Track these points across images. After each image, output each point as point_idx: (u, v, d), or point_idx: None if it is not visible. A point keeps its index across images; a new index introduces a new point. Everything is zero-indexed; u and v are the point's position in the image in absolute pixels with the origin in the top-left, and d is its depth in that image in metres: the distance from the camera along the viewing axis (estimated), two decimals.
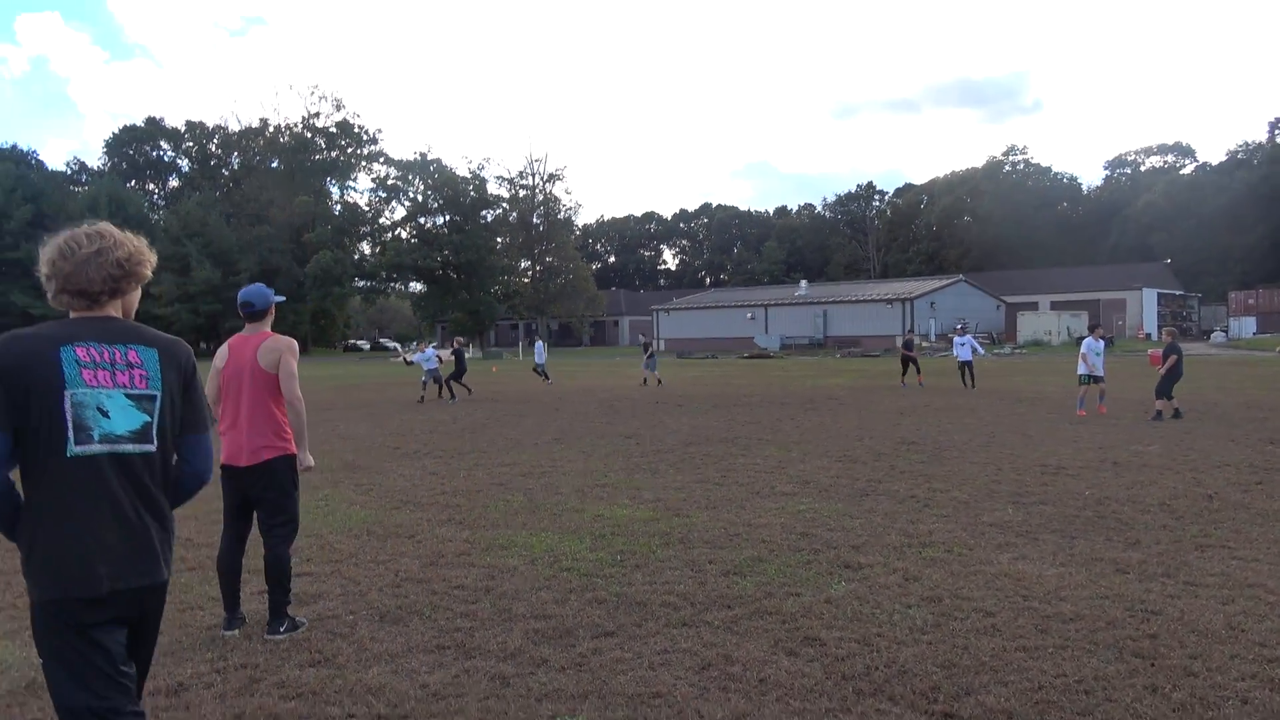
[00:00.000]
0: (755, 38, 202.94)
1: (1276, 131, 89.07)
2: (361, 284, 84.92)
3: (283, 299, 5.22)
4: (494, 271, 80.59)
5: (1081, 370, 16.01)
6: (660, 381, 27.10)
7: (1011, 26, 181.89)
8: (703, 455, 11.58)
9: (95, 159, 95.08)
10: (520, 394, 24.12)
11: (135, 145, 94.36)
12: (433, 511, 8.16)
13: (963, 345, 23.43)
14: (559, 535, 7.07)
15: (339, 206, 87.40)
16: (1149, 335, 61.95)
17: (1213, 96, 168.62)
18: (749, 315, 69.00)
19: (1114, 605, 5.15)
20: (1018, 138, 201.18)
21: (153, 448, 2.53)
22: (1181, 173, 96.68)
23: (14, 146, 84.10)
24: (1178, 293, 74.44)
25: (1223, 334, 60.79)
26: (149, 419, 2.52)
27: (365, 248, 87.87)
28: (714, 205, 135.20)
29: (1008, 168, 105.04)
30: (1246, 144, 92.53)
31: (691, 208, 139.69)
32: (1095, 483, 9.14)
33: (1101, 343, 16.25)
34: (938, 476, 9.63)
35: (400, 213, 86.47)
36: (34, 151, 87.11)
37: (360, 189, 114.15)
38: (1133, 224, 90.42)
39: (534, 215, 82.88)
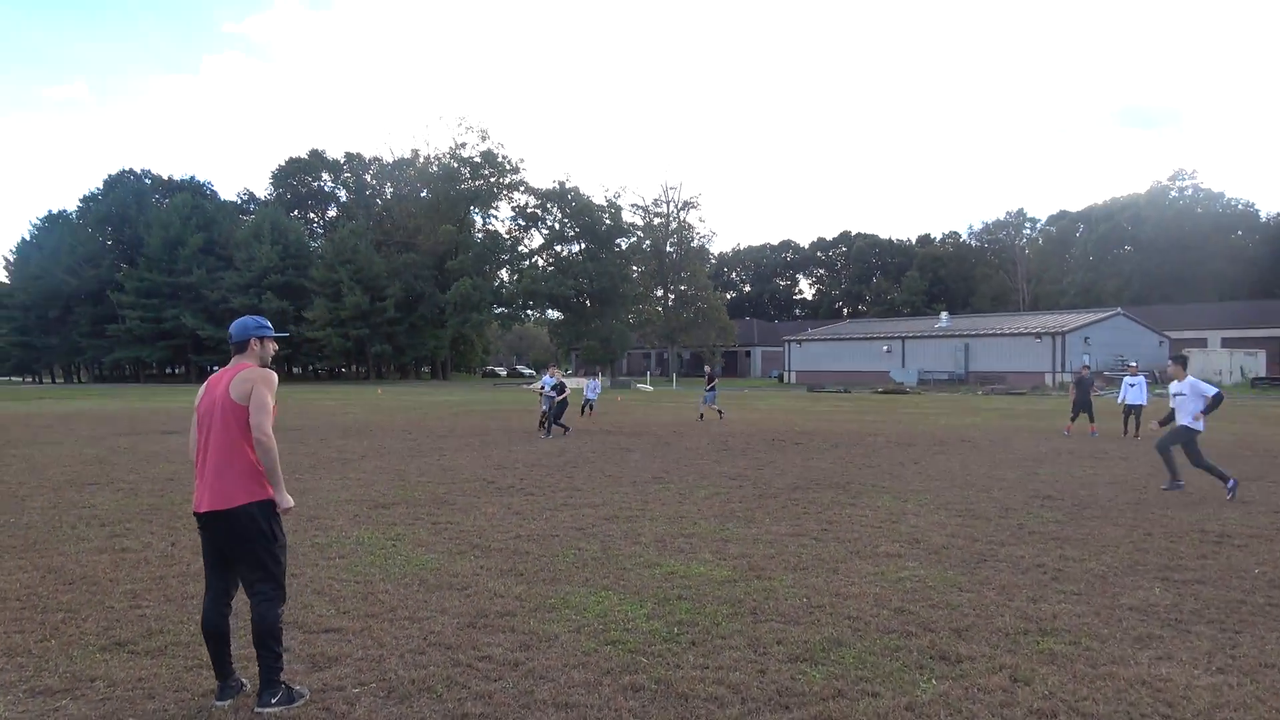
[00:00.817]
0: (894, 60, 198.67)
1: None
2: (499, 310, 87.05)
3: (286, 334, 4.75)
4: (627, 300, 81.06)
5: None
6: (721, 414, 25.45)
7: (1178, 43, 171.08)
8: (807, 502, 10.64)
9: (263, 190, 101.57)
10: (635, 426, 23.59)
11: (299, 176, 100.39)
12: (497, 559, 7.61)
13: (1134, 386, 20.72)
14: (619, 596, 6.36)
15: (480, 234, 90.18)
16: None
17: None
18: (885, 348, 66.52)
19: None
20: (1186, 161, 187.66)
21: None
22: None
23: (192, 179, 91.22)
24: None
25: None
26: None
27: (504, 275, 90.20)
28: (853, 233, 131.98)
29: (1174, 193, 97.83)
30: None
31: (830, 236, 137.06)
32: (1268, 557, 7.70)
33: None
34: (1072, 540, 8.38)
35: (538, 240, 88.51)
36: (208, 183, 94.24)
37: (501, 217, 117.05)
38: None
39: (667, 243, 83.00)
